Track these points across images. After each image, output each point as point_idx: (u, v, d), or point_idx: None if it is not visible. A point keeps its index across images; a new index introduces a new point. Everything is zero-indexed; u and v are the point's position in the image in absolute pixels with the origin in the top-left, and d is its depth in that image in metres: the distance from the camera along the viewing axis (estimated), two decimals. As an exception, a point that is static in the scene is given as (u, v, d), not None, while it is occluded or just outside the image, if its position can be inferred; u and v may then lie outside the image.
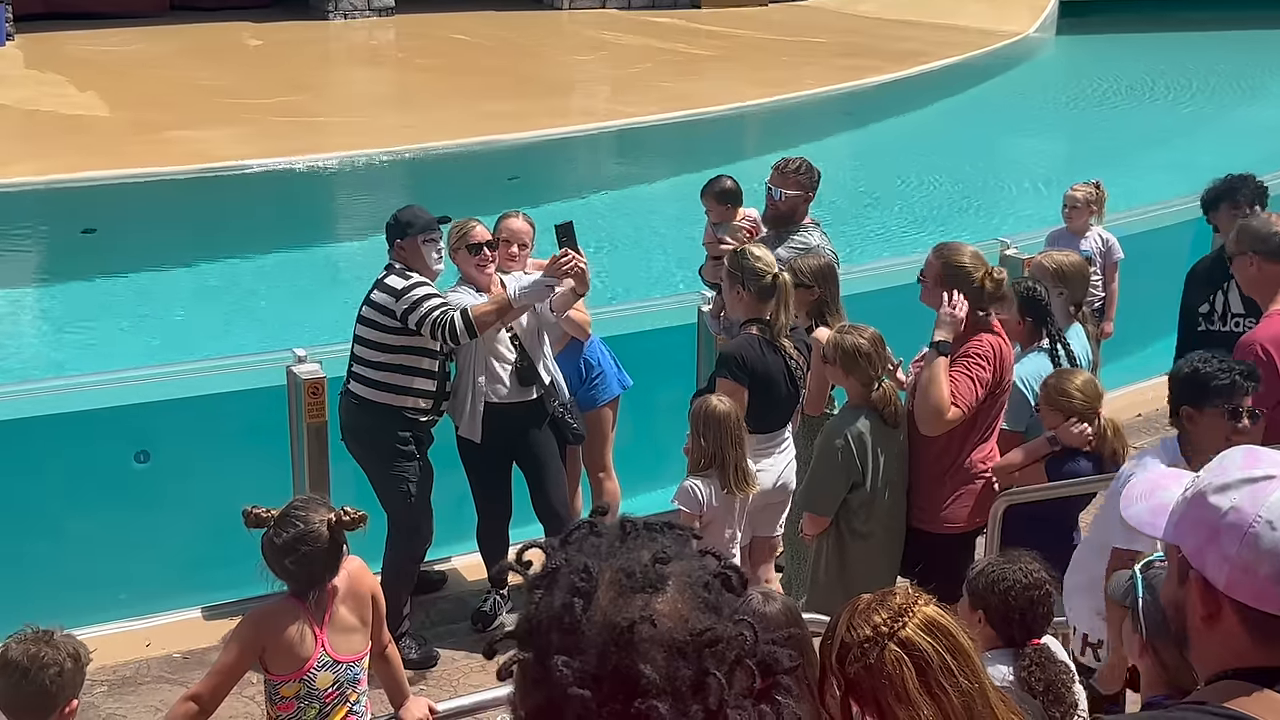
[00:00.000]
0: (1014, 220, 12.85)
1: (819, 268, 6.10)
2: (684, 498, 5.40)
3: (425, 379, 6.02)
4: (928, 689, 2.49)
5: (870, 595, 2.64)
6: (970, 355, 5.31)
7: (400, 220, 6.03)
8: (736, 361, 5.67)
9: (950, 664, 2.51)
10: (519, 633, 1.48)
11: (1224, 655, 1.89)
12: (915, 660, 2.50)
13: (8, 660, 3.50)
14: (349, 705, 4.15)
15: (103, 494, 6.59)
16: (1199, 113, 18.69)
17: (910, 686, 2.49)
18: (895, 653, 2.51)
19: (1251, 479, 1.87)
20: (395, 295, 5.87)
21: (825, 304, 6.10)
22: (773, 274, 5.71)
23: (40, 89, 17.23)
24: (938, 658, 2.51)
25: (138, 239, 12.70)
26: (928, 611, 2.57)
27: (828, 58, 20.40)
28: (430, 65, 19.72)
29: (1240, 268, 5.53)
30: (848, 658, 2.55)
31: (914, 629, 2.53)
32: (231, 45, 20.64)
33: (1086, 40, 23.62)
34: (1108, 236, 8.14)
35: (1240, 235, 5.53)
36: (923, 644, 2.52)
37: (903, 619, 2.54)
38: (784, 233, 6.73)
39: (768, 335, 5.72)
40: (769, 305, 5.72)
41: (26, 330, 11.05)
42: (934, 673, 2.50)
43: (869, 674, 2.52)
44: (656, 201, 13.79)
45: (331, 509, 4.07)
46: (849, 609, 2.63)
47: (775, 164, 6.86)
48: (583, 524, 1.53)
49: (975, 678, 2.52)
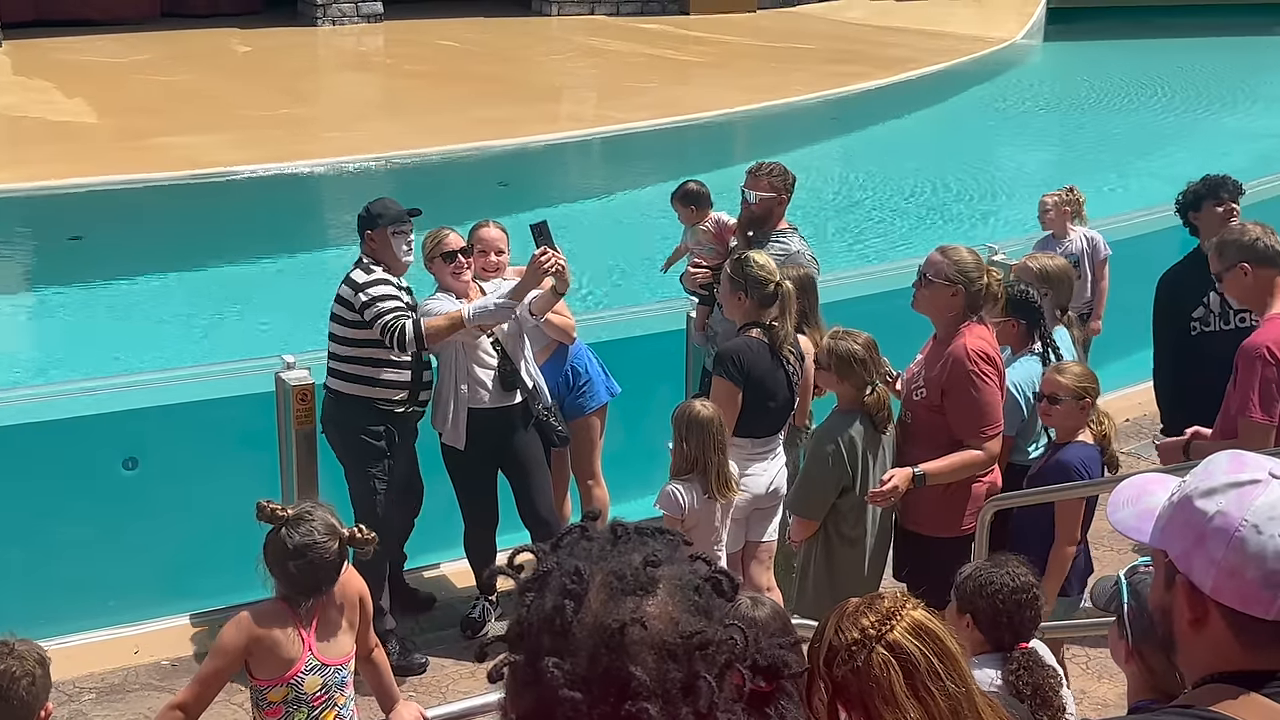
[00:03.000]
0: (1002, 226, 12.89)
1: (797, 278, 6.02)
2: (665, 502, 5.41)
3: (394, 370, 6.05)
4: (915, 692, 2.49)
5: (858, 599, 2.64)
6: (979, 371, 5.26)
7: (371, 212, 6.09)
8: (734, 361, 5.66)
9: (938, 667, 2.51)
10: (510, 635, 1.48)
11: (1211, 659, 1.90)
12: (902, 663, 2.50)
13: None
14: (337, 709, 4.14)
15: (91, 501, 6.58)
16: (1185, 119, 18.74)
17: (898, 689, 2.49)
18: (883, 655, 2.51)
19: (1237, 483, 1.87)
20: (355, 289, 5.94)
21: (804, 314, 6.05)
22: (775, 281, 5.71)
23: (27, 95, 17.19)
24: (925, 661, 2.51)
25: (125, 246, 12.67)
26: (915, 615, 2.56)
27: (816, 64, 20.43)
28: (419, 71, 19.72)
29: (1232, 281, 5.50)
30: (835, 660, 2.55)
31: (901, 632, 2.54)
32: (220, 51, 20.62)
33: (1074, 46, 23.68)
34: (1092, 235, 8.20)
35: (1224, 250, 5.49)
36: (910, 647, 2.52)
37: (890, 622, 2.54)
38: (761, 237, 6.64)
39: (768, 340, 5.73)
40: (770, 312, 5.72)
41: (13, 337, 11.01)
42: (921, 676, 2.50)
43: (856, 677, 2.52)
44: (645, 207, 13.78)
45: (344, 524, 4.08)
46: (837, 612, 2.63)
47: (749, 168, 6.84)
48: (574, 528, 1.54)
49: (962, 682, 2.53)
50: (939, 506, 5.38)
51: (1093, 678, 5.84)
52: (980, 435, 5.28)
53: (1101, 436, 5.34)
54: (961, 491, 5.39)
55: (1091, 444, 5.30)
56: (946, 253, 5.40)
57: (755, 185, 6.68)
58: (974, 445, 5.29)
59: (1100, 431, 5.34)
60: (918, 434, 5.43)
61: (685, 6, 25.00)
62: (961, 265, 5.32)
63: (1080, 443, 5.29)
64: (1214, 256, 5.60)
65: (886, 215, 14.07)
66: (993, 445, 5.33)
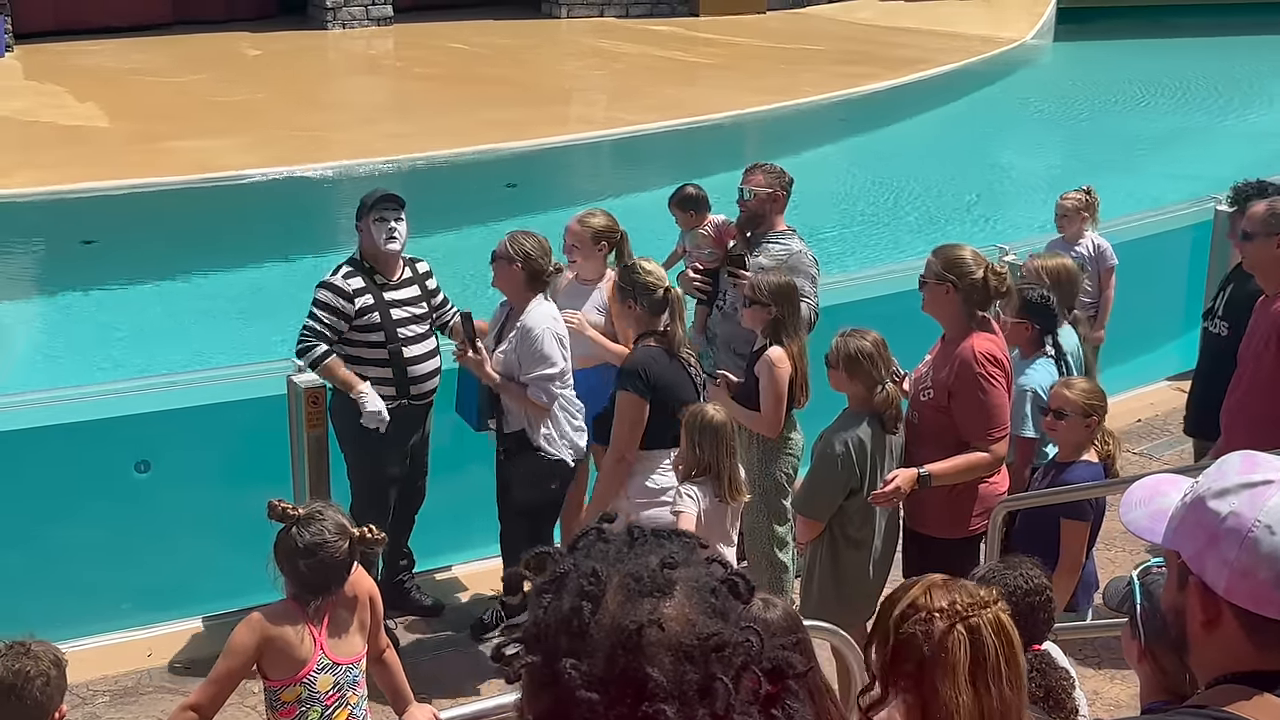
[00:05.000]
0: (1013, 227, 12.86)
1: (778, 286, 5.92)
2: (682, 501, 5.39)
3: (376, 367, 6.11)
4: (975, 680, 2.57)
5: (944, 577, 2.72)
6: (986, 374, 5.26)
7: (360, 203, 6.20)
8: (639, 375, 5.63)
9: (1003, 669, 2.59)
10: (527, 636, 1.48)
11: (1224, 660, 1.90)
12: (975, 649, 2.58)
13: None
14: (350, 708, 4.15)
15: (104, 504, 6.60)
16: (1197, 118, 18.70)
17: (961, 671, 2.56)
18: (961, 633, 2.60)
19: (1250, 484, 1.88)
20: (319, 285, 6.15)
21: (781, 323, 5.90)
22: (664, 288, 5.72)
23: (39, 100, 17.24)
24: (994, 657, 2.58)
25: (137, 249, 12.71)
26: (1003, 616, 2.65)
27: (826, 65, 20.42)
28: (429, 74, 19.74)
29: (1259, 248, 5.56)
30: (913, 618, 2.60)
31: (986, 622, 2.62)
32: (230, 55, 20.65)
33: (1085, 46, 23.63)
34: (1100, 243, 8.15)
35: (1273, 217, 5.58)
36: (987, 638, 2.59)
37: (978, 609, 2.62)
38: (759, 237, 6.61)
39: (666, 347, 5.70)
40: (660, 319, 5.71)
41: (26, 341, 11.05)
42: (986, 669, 2.58)
43: (926, 642, 2.57)
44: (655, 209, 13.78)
45: (354, 525, 4.09)
46: (928, 579, 2.69)
47: (746, 167, 6.83)
48: (591, 530, 1.54)
49: (1018, 690, 2.60)
50: (946, 507, 5.38)
51: (1106, 679, 5.83)
52: (987, 437, 5.28)
53: (1106, 456, 5.32)
54: (969, 492, 5.39)
55: (1096, 463, 5.28)
56: (937, 252, 5.44)
57: (750, 180, 6.66)
58: (980, 447, 5.29)
59: (1105, 451, 5.31)
60: (924, 435, 5.43)
61: (695, 8, 25.00)
62: (948, 262, 5.33)
63: (1085, 462, 5.27)
64: (1253, 219, 5.67)
65: (895, 216, 14.05)
66: (999, 447, 5.32)
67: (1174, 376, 9.21)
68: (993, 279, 5.32)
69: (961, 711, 2.55)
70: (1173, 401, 8.61)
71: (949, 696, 2.53)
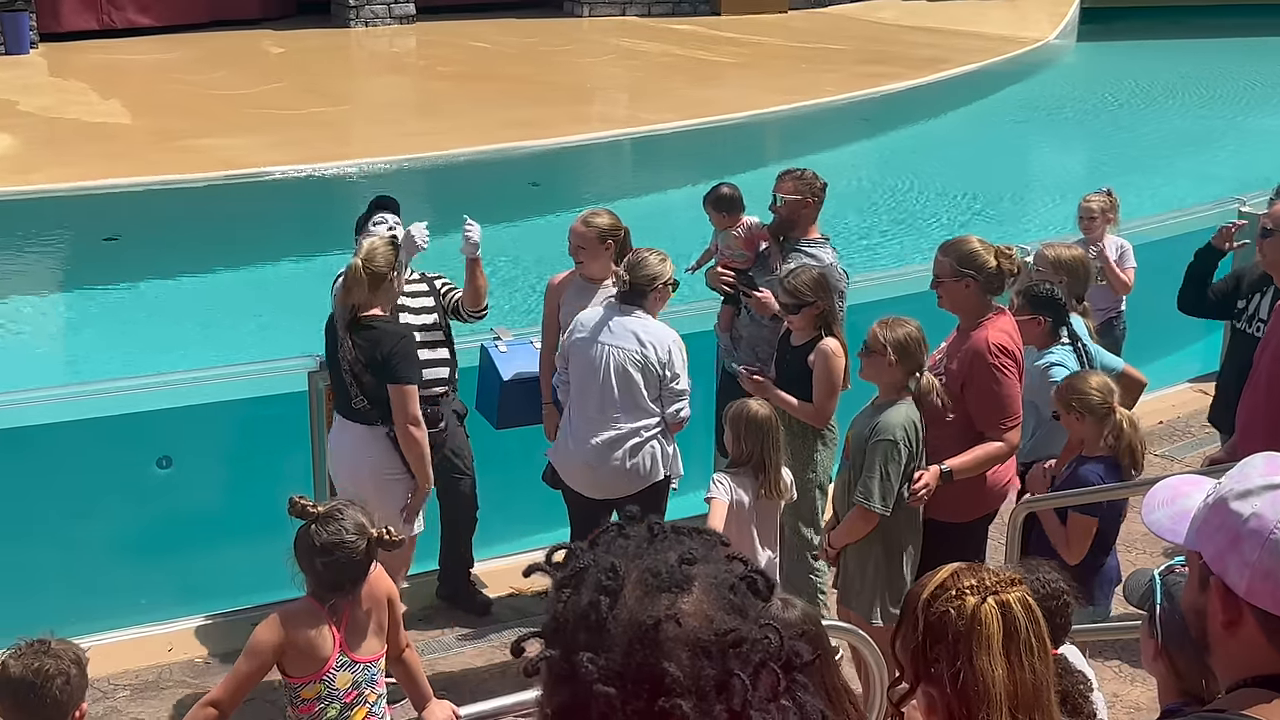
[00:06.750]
0: (1035, 227, 12.82)
1: (814, 280, 5.97)
2: (714, 488, 5.38)
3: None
4: (1008, 653, 2.61)
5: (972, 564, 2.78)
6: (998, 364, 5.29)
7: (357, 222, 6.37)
8: None
9: (1034, 644, 2.63)
10: (546, 630, 1.49)
11: (1245, 662, 1.89)
12: (1007, 623, 2.62)
13: (11, 678, 3.45)
14: (368, 706, 4.17)
15: (126, 499, 6.63)
16: (1220, 119, 18.60)
17: (996, 642, 2.60)
18: (992, 607, 2.63)
19: (1273, 485, 1.87)
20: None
21: (829, 314, 5.98)
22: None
23: (63, 97, 17.33)
24: (1025, 632, 2.62)
25: (160, 246, 12.76)
26: (1029, 597, 2.70)
27: (848, 65, 20.38)
28: (451, 72, 19.78)
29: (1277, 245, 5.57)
30: (943, 597, 2.63)
31: (1015, 599, 2.66)
32: (253, 53, 20.72)
33: (1108, 47, 23.54)
34: (1122, 243, 8.10)
35: None
36: (1018, 613, 2.64)
37: (1007, 588, 2.67)
38: (790, 244, 6.61)
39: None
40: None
41: (49, 337, 11.11)
42: (1018, 643, 2.61)
43: (958, 617, 2.61)
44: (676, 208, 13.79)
45: (373, 524, 4.09)
46: (951, 566, 2.75)
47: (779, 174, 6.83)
48: (611, 526, 1.55)
49: (1047, 669, 2.64)
50: (952, 493, 5.37)
51: (1125, 681, 5.81)
52: (1000, 427, 5.35)
53: (1124, 449, 5.29)
54: (977, 476, 5.41)
55: (1110, 457, 5.26)
56: (946, 250, 5.47)
57: (781, 188, 6.67)
58: (994, 437, 5.36)
59: (1122, 443, 5.30)
60: (937, 422, 5.42)
61: (716, 7, 24.98)
62: (963, 257, 5.37)
63: (1099, 457, 5.26)
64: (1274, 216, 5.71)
65: (918, 215, 14.02)
66: (1012, 435, 5.39)
67: (1196, 379, 9.18)
68: (1004, 262, 5.39)
69: (996, 684, 2.59)
70: (1195, 403, 8.58)
71: (985, 668, 2.58)
